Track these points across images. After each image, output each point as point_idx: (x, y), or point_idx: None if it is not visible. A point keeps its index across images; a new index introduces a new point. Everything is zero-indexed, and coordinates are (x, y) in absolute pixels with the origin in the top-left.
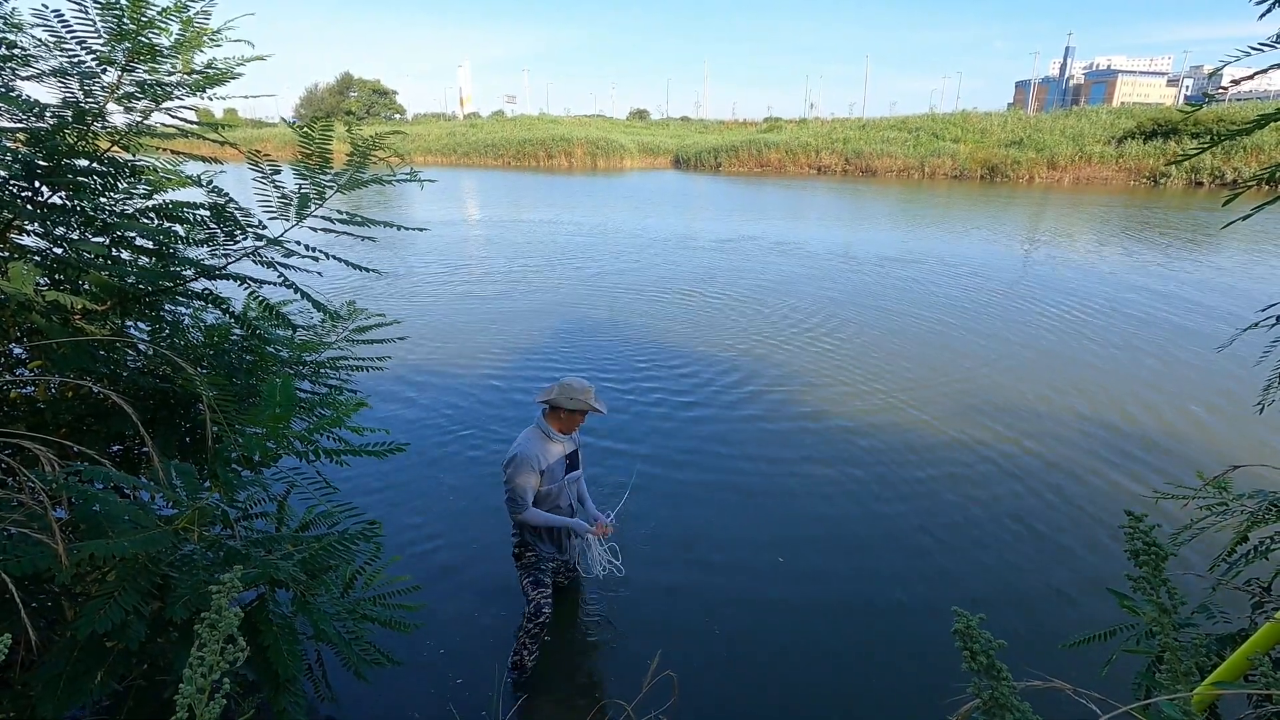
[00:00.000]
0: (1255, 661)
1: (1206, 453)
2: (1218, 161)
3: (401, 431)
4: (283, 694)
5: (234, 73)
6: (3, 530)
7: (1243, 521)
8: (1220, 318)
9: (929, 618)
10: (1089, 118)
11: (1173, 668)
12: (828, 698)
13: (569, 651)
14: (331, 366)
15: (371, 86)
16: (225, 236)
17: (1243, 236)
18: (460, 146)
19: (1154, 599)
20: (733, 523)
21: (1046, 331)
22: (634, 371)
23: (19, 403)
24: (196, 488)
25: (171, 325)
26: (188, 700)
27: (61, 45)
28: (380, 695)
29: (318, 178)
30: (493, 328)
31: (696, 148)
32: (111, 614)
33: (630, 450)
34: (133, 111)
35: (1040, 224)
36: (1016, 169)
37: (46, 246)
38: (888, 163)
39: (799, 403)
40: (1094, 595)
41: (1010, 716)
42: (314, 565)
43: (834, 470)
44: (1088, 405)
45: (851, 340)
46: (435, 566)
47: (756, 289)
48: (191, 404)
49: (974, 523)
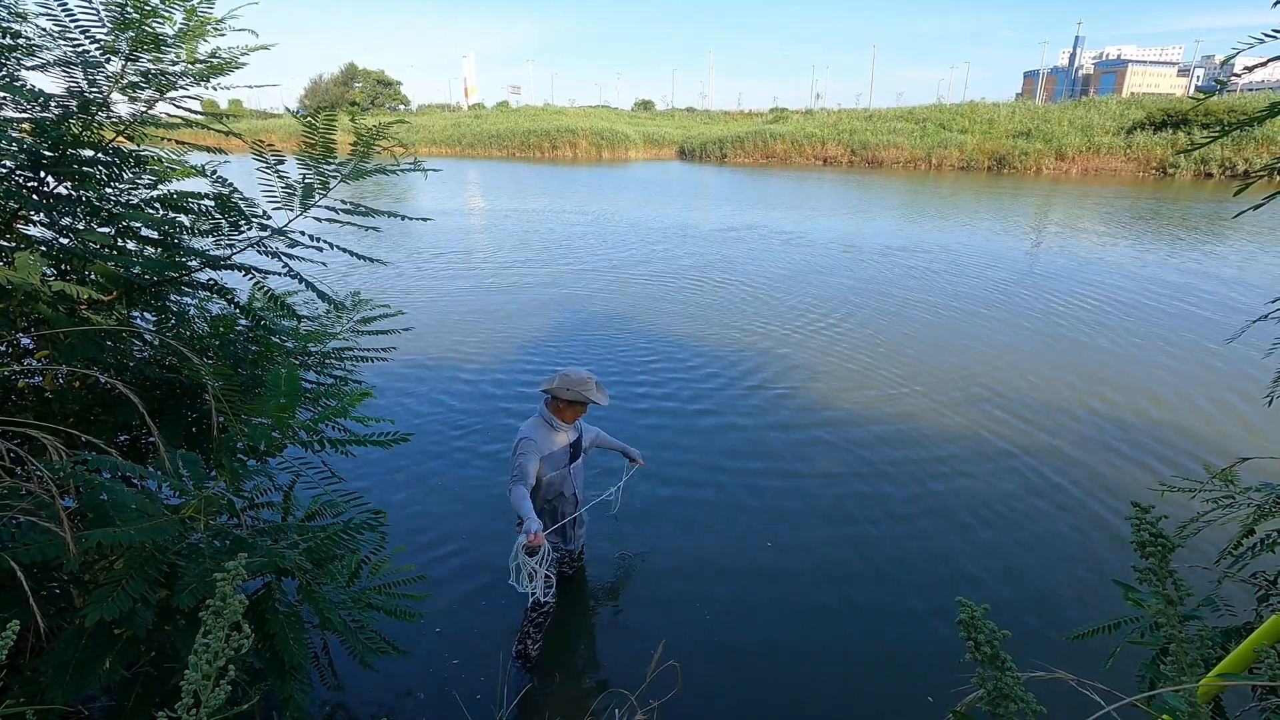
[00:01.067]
0: (1261, 654)
1: (1214, 445)
2: (1228, 152)
3: (406, 422)
4: (289, 681)
5: (238, 62)
6: (11, 519)
7: (1249, 514)
8: (1228, 309)
9: (931, 612)
10: (1098, 108)
11: (1178, 659)
12: (831, 689)
13: (573, 641)
14: (336, 357)
15: (376, 77)
16: (230, 227)
17: (1253, 228)
18: (465, 137)
19: (1160, 591)
20: (737, 517)
21: (1058, 320)
22: (638, 363)
23: (27, 393)
24: (203, 477)
25: (177, 315)
26: (193, 686)
27: (65, 35)
28: (385, 683)
29: (321, 168)
30: (498, 318)
31: (702, 139)
32: (119, 601)
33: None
34: (137, 101)
35: (1049, 215)
36: (1024, 160)
37: (52, 237)
38: (894, 154)
39: (802, 393)
40: (1100, 588)
41: (1014, 707)
42: (319, 554)
43: (841, 464)
44: (1096, 397)
45: (858, 330)
46: (440, 556)
47: (765, 277)
48: (198, 394)
49: (976, 513)
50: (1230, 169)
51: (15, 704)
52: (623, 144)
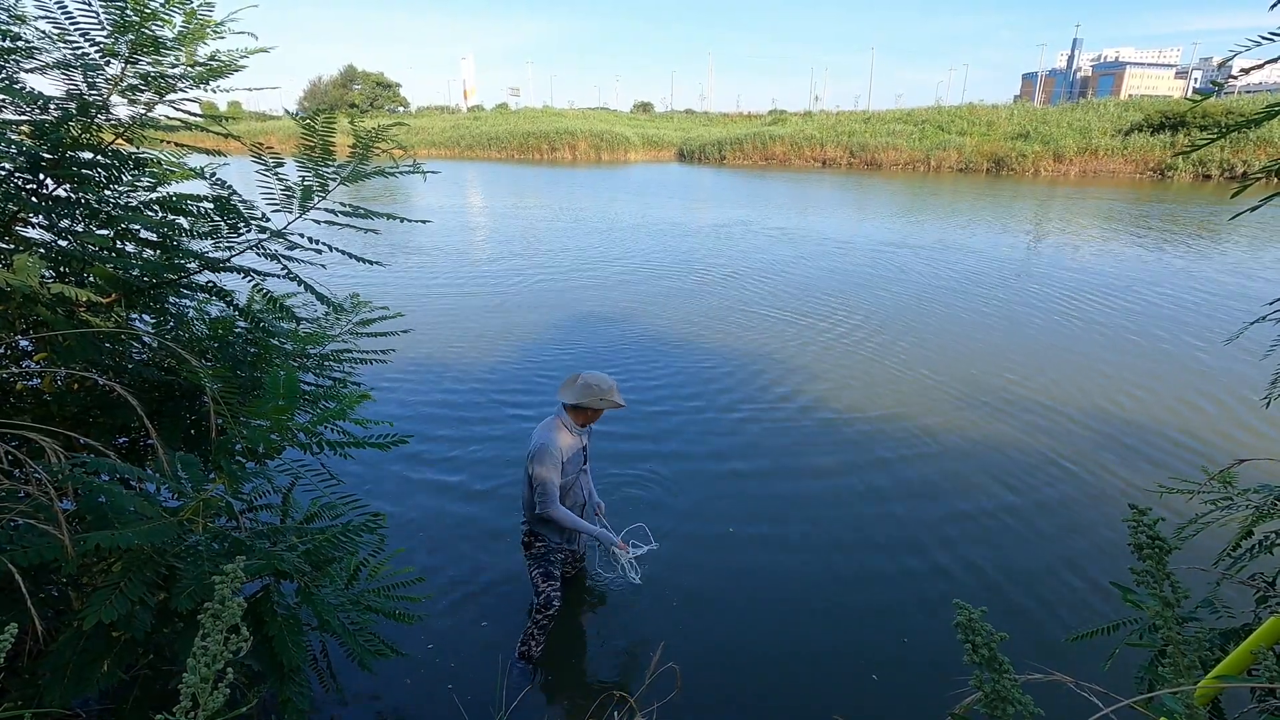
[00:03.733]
0: (1259, 655)
1: (1213, 446)
2: (1226, 154)
3: (406, 424)
4: (287, 684)
5: (237, 65)
6: (9, 521)
7: (1248, 516)
8: (1227, 310)
9: (928, 615)
10: (1096, 110)
11: (1175, 661)
12: (830, 691)
13: (572, 642)
14: (335, 359)
15: (375, 79)
16: (229, 229)
17: (1251, 230)
18: (464, 139)
19: (1157, 593)
20: (739, 516)
21: (1059, 320)
22: (640, 362)
23: (25, 395)
24: (201, 479)
25: (176, 318)
26: (191, 689)
27: (65, 37)
28: (385, 685)
29: (320, 170)
30: (497, 320)
31: (701, 141)
32: (117, 604)
33: (655, 451)
34: (136, 104)
35: (1047, 216)
36: (1022, 162)
37: (51, 239)
38: (893, 156)
39: (803, 393)
40: (1098, 590)
41: (1011, 709)
42: (318, 557)
43: (837, 462)
44: (1093, 399)
45: (847, 326)
46: (440, 558)
47: (756, 273)
48: (196, 396)
49: (976, 517)
50: (1229, 170)
51: (13, 707)
52: (622, 146)
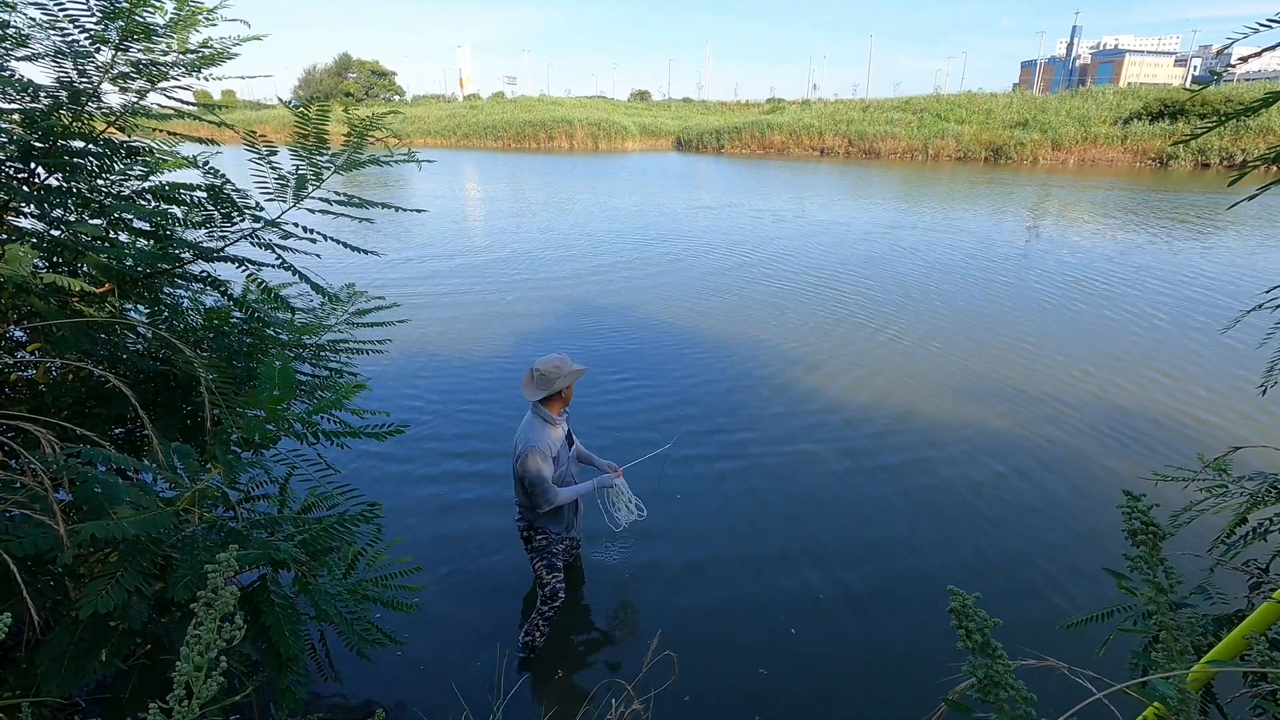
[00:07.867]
0: (1251, 641)
1: (1208, 434)
2: (1225, 142)
3: (402, 413)
4: (285, 673)
5: (230, 52)
6: (5, 512)
7: (1242, 503)
8: (1224, 298)
9: (923, 602)
10: (1095, 98)
11: (1168, 647)
12: (826, 678)
13: (570, 631)
14: (331, 349)
15: (370, 68)
16: (223, 218)
17: (1251, 217)
18: (460, 128)
19: (1151, 579)
20: (735, 504)
21: (1051, 309)
22: (637, 348)
23: (20, 386)
24: (197, 470)
25: (170, 308)
26: (185, 678)
27: (55, 24)
28: (383, 674)
29: (315, 159)
30: (494, 309)
31: (699, 129)
32: (114, 594)
33: (669, 419)
34: (128, 92)
35: (1045, 204)
36: (1021, 150)
37: (44, 228)
38: (892, 144)
39: (797, 383)
40: (1092, 577)
41: (1005, 694)
42: (315, 547)
43: (832, 451)
44: (1090, 386)
45: (843, 325)
46: (437, 547)
47: (753, 252)
48: (192, 387)
49: (970, 504)
50: (1228, 159)
51: (10, 696)
52: (619, 135)
